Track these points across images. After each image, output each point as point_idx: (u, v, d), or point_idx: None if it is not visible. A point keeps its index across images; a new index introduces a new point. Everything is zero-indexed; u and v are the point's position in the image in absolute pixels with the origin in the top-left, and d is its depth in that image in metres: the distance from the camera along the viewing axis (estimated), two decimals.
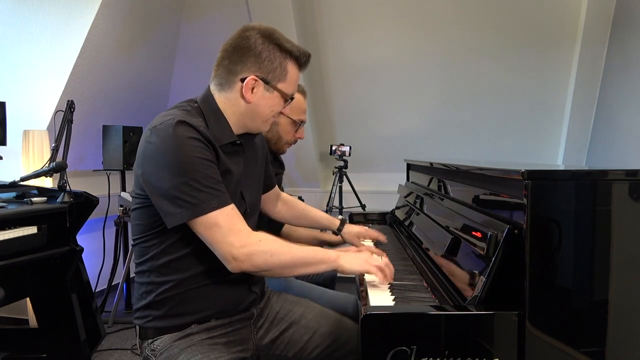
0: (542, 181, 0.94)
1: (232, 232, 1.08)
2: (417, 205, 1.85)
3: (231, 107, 1.19)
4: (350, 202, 3.65)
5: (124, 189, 3.10)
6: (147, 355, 1.17)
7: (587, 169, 1.07)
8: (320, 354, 1.31)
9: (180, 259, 1.15)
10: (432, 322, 0.94)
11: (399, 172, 2.73)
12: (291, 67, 1.19)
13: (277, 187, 1.60)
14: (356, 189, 3.64)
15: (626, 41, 2.98)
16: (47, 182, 2.52)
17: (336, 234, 1.69)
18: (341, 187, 3.62)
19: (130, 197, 2.83)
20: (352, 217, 2.29)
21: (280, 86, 1.19)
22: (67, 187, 2.21)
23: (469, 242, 1.12)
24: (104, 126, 3.02)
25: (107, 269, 3.16)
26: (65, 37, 2.72)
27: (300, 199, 1.84)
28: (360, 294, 1.21)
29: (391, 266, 1.20)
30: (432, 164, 1.81)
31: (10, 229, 1.91)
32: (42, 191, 2.25)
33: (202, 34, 3.62)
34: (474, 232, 1.12)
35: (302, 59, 1.21)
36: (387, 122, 3.79)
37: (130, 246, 3.12)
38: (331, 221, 1.68)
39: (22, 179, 2.19)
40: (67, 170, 2.24)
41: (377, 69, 3.60)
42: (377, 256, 1.24)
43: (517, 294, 0.94)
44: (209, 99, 1.20)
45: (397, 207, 2.25)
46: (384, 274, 1.17)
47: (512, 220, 1.01)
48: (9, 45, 2.71)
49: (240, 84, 1.16)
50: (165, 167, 1.06)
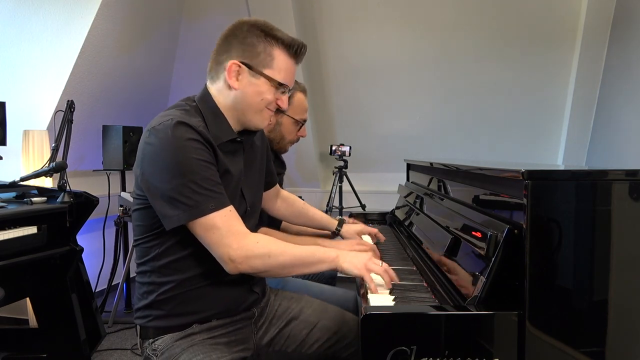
0: (542, 181, 0.94)
1: (229, 234, 1.08)
2: (417, 205, 1.85)
3: (224, 100, 1.18)
4: (350, 202, 3.65)
5: (124, 189, 3.10)
6: (148, 355, 1.17)
7: (587, 169, 1.07)
8: (320, 347, 1.32)
9: (181, 259, 1.15)
10: (432, 322, 0.94)
11: (399, 172, 2.73)
12: (279, 54, 1.16)
13: (278, 185, 1.60)
14: (356, 189, 3.64)
15: (626, 41, 2.98)
16: (47, 182, 2.52)
17: (335, 234, 1.69)
18: (341, 187, 3.62)
19: (130, 197, 2.83)
20: (352, 217, 2.29)
21: (266, 72, 1.16)
22: (67, 187, 2.21)
23: (469, 242, 1.12)
24: (104, 126, 3.02)
25: (107, 269, 3.16)
26: (65, 37, 2.72)
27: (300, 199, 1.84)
28: (360, 293, 1.21)
29: (391, 271, 1.18)
30: (432, 164, 1.81)
31: (10, 229, 1.91)
32: (42, 191, 2.25)
33: (202, 34, 3.61)
34: (474, 232, 1.12)
35: (292, 47, 1.18)
36: (387, 122, 3.79)
37: (130, 246, 3.12)
38: (330, 221, 1.68)
39: (22, 179, 2.19)
40: (67, 170, 2.24)
41: (377, 69, 3.60)
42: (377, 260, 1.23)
43: (517, 294, 0.94)
44: (206, 97, 1.20)
45: (397, 207, 2.25)
46: (384, 279, 1.16)
47: (512, 220, 1.01)
48: (9, 45, 2.71)
49: (225, 72, 1.15)
50: (163, 169, 1.06)
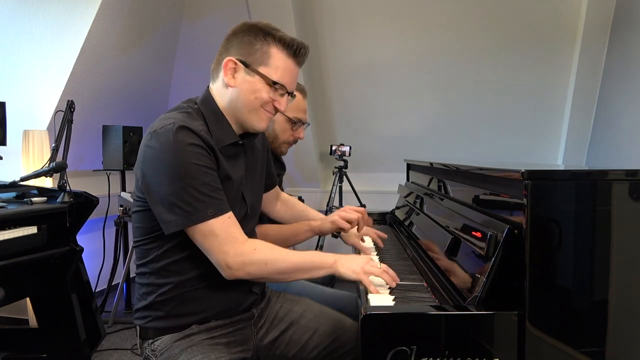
0: (542, 181, 0.94)
1: (227, 241, 1.08)
2: (417, 205, 1.85)
3: (223, 100, 1.18)
4: (350, 202, 3.65)
5: (124, 189, 3.10)
6: (148, 355, 1.17)
7: (587, 169, 1.07)
8: (320, 353, 1.31)
9: (180, 261, 1.15)
10: (432, 322, 0.94)
11: (399, 172, 2.73)
12: (276, 52, 1.16)
13: (277, 187, 1.60)
14: (356, 189, 3.64)
15: (626, 41, 2.98)
16: (47, 182, 2.52)
17: (336, 236, 1.68)
18: (341, 187, 3.62)
19: (130, 197, 2.83)
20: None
21: (262, 70, 1.15)
22: (67, 187, 2.21)
23: (469, 242, 1.12)
24: (104, 126, 3.02)
25: (107, 269, 3.16)
26: (65, 37, 2.72)
27: (300, 199, 1.83)
28: (360, 294, 1.21)
29: (390, 271, 1.18)
30: (432, 164, 1.81)
31: (10, 229, 1.91)
32: (42, 191, 2.25)
33: (202, 34, 3.62)
34: (474, 232, 1.12)
35: (291, 47, 1.17)
36: (387, 122, 3.79)
37: (130, 246, 3.12)
38: None
39: (22, 179, 2.19)
40: (67, 170, 2.24)
41: (377, 68, 3.60)
42: (375, 262, 1.22)
43: (517, 294, 0.94)
44: (208, 99, 1.19)
45: (397, 207, 2.25)
46: (385, 278, 1.15)
47: (512, 220, 1.01)
48: (9, 45, 2.71)
49: (222, 70, 1.16)
50: (164, 173, 1.06)
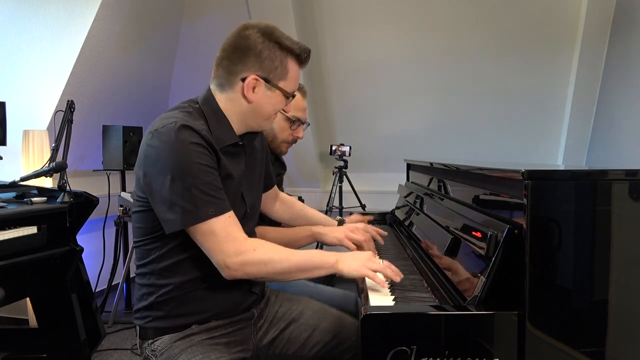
0: (542, 181, 0.94)
1: (227, 241, 1.08)
2: (417, 205, 1.85)
3: (233, 107, 1.18)
4: (350, 202, 3.65)
5: (124, 189, 3.10)
6: (148, 355, 1.17)
7: (587, 169, 1.07)
8: (320, 351, 1.32)
9: (181, 262, 1.15)
10: (432, 322, 0.94)
11: (399, 172, 2.72)
12: (292, 65, 1.19)
13: (276, 187, 1.59)
14: (356, 189, 3.64)
15: (626, 41, 2.98)
16: (47, 182, 2.52)
17: None
18: (341, 187, 3.62)
19: (130, 197, 2.83)
20: (352, 215, 2.29)
21: (281, 84, 1.18)
22: (67, 187, 2.21)
23: (469, 242, 1.12)
24: (104, 126, 3.02)
25: (107, 269, 3.16)
26: (65, 37, 2.72)
27: (300, 199, 1.83)
28: (360, 293, 1.21)
29: (393, 267, 1.19)
30: (432, 164, 1.81)
31: (10, 229, 1.91)
32: (42, 191, 2.25)
33: (202, 34, 3.62)
34: (474, 232, 1.12)
35: (302, 56, 1.20)
36: (387, 122, 3.79)
37: (130, 246, 3.12)
38: (329, 222, 1.68)
39: (22, 179, 2.19)
40: (67, 170, 2.24)
41: (377, 68, 3.60)
42: (377, 258, 1.23)
43: (517, 294, 0.94)
44: (210, 100, 1.19)
45: (397, 207, 2.25)
46: (385, 275, 1.16)
47: (512, 220, 1.01)
48: (9, 45, 2.71)
49: (241, 83, 1.15)
50: (165, 172, 1.06)
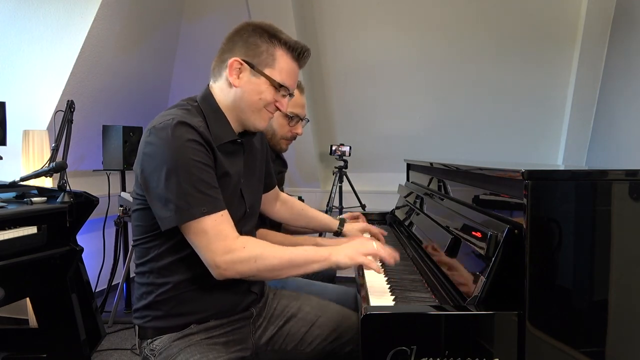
0: (542, 181, 0.94)
1: (216, 239, 1.07)
2: (417, 205, 1.85)
3: (223, 98, 1.19)
4: (350, 202, 3.65)
5: (124, 189, 3.10)
6: (147, 355, 1.17)
7: (587, 169, 1.07)
8: (319, 345, 1.32)
9: (180, 260, 1.15)
10: (432, 322, 0.94)
11: (399, 172, 2.72)
12: (281, 55, 1.17)
13: (277, 187, 1.59)
14: (356, 189, 3.63)
15: (626, 41, 2.98)
16: (47, 182, 2.52)
17: (338, 234, 1.68)
18: (341, 187, 3.62)
19: (130, 197, 2.83)
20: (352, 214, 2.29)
21: (267, 72, 1.16)
22: (67, 187, 2.21)
23: (469, 242, 1.12)
24: (104, 126, 3.02)
25: (107, 269, 3.16)
26: (65, 37, 2.72)
27: (300, 199, 1.83)
28: (360, 291, 1.21)
29: (387, 249, 1.17)
30: (432, 164, 1.81)
31: (10, 229, 1.91)
32: (42, 191, 2.25)
33: (202, 34, 3.61)
34: (474, 232, 1.12)
35: (296, 50, 1.19)
36: (387, 122, 3.79)
37: (130, 246, 3.12)
38: (331, 221, 1.68)
39: (22, 179, 2.19)
40: (67, 170, 2.24)
41: (377, 68, 3.59)
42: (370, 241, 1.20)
43: (517, 294, 0.94)
44: (208, 97, 1.20)
45: (397, 207, 2.25)
46: (379, 257, 1.14)
47: (512, 220, 1.01)
48: (9, 45, 2.71)
49: (227, 69, 1.16)
50: (161, 169, 1.06)
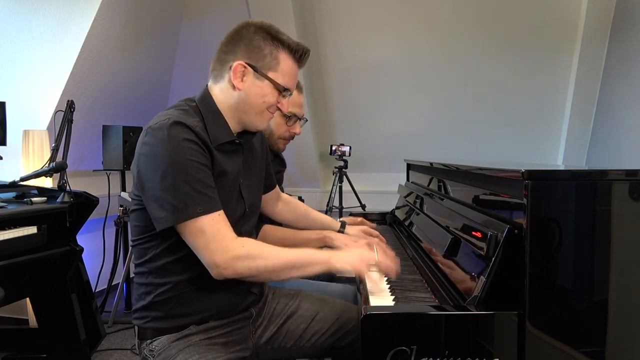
0: (542, 181, 0.94)
1: (215, 239, 1.07)
2: (417, 205, 1.85)
3: (225, 100, 1.18)
4: (350, 202, 3.65)
5: (124, 189, 3.10)
6: (146, 355, 1.17)
7: (587, 169, 1.07)
8: (319, 340, 1.32)
9: (179, 260, 1.15)
10: (432, 322, 0.94)
11: (399, 172, 2.72)
12: (284, 58, 1.17)
13: (278, 187, 1.59)
14: (356, 189, 3.63)
15: (626, 41, 2.98)
16: (47, 182, 2.52)
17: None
18: (341, 187, 3.62)
19: (129, 197, 2.83)
20: (353, 216, 2.29)
21: (271, 75, 1.16)
22: (67, 187, 2.21)
23: (469, 242, 1.12)
24: (104, 126, 3.02)
25: (107, 269, 3.16)
26: (65, 37, 2.72)
27: (300, 199, 1.83)
28: (360, 289, 1.21)
29: (387, 262, 1.19)
30: (432, 164, 1.81)
31: (10, 229, 1.91)
32: (42, 191, 2.25)
33: (202, 34, 3.61)
34: (474, 232, 1.11)
35: (297, 52, 1.19)
36: (387, 122, 3.79)
37: (130, 246, 3.12)
38: (332, 223, 1.68)
39: (22, 179, 2.19)
40: (67, 170, 2.24)
41: (377, 68, 3.60)
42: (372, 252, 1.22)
43: (517, 294, 0.94)
44: (206, 97, 1.19)
45: (397, 207, 2.25)
46: (382, 268, 1.15)
47: (512, 220, 1.01)
48: (9, 45, 2.71)
49: (230, 72, 1.15)
50: (157, 169, 1.06)
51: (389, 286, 1.21)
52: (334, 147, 3.57)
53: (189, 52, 3.71)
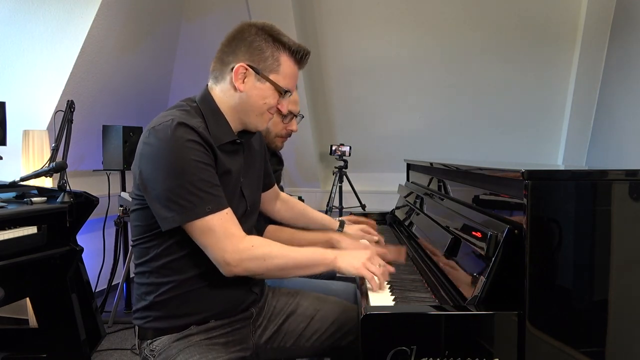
0: (542, 181, 0.94)
1: (225, 237, 1.07)
2: (417, 205, 1.85)
3: (226, 101, 1.18)
4: (350, 202, 3.65)
5: (124, 189, 3.10)
6: (146, 355, 1.17)
7: (587, 169, 1.07)
8: (319, 339, 1.32)
9: (180, 260, 1.15)
10: (432, 322, 0.94)
11: (399, 172, 2.72)
12: (285, 60, 1.17)
13: (276, 186, 1.59)
14: (356, 189, 3.64)
15: (626, 41, 2.98)
16: (47, 182, 2.52)
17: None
18: (341, 187, 3.62)
19: (129, 197, 2.83)
20: (352, 215, 2.29)
21: (272, 77, 1.17)
22: (67, 187, 2.21)
23: (469, 242, 1.12)
24: (104, 126, 3.02)
25: (107, 269, 3.16)
26: (65, 37, 2.72)
27: (300, 199, 1.83)
28: (360, 288, 1.21)
29: (387, 273, 1.20)
30: (432, 164, 1.81)
31: (10, 229, 1.91)
32: (42, 191, 2.25)
33: (202, 34, 3.62)
34: (474, 232, 1.12)
35: (298, 54, 1.19)
36: (387, 122, 3.79)
37: (130, 246, 3.12)
38: (331, 222, 1.68)
39: (22, 179, 2.19)
40: (67, 170, 2.24)
41: (377, 68, 3.60)
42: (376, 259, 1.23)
43: (517, 294, 0.94)
44: (207, 98, 1.20)
45: (397, 207, 2.25)
46: (379, 280, 1.16)
47: (512, 220, 1.01)
48: (9, 45, 2.71)
49: (231, 73, 1.15)
50: (162, 170, 1.06)
51: (389, 286, 1.21)
52: (334, 147, 3.57)
53: (189, 52, 3.71)
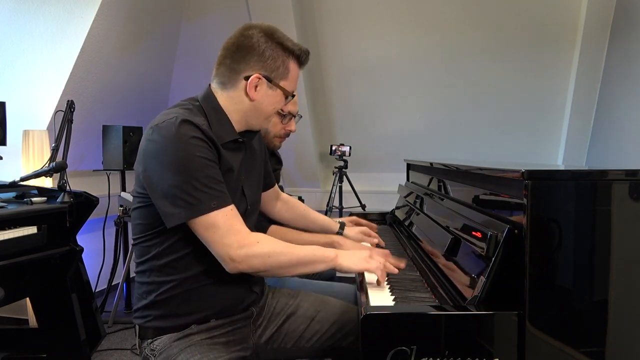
0: (542, 181, 0.94)
1: (230, 233, 1.08)
2: (417, 205, 1.85)
3: (234, 105, 1.19)
4: (350, 202, 3.65)
5: (124, 189, 3.10)
6: (147, 355, 1.17)
7: (587, 169, 1.07)
8: (319, 340, 1.32)
9: (181, 258, 1.15)
10: (432, 322, 0.94)
11: (399, 172, 2.73)
12: (292, 66, 1.21)
13: (277, 186, 1.60)
14: (356, 189, 3.64)
15: (626, 41, 2.98)
16: (47, 182, 2.52)
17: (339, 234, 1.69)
18: (341, 187, 3.62)
19: (130, 197, 2.83)
20: (353, 216, 2.29)
21: (282, 84, 1.20)
22: (67, 187, 2.21)
23: (469, 242, 1.12)
24: (104, 126, 3.02)
25: (107, 269, 3.16)
26: (65, 37, 2.72)
27: (300, 199, 1.83)
28: (360, 288, 1.21)
29: (390, 265, 1.21)
30: (432, 164, 1.81)
31: (10, 229, 1.91)
32: (42, 191, 2.25)
33: (202, 34, 3.62)
34: (474, 232, 1.12)
35: (302, 57, 1.23)
36: (387, 122, 3.79)
37: (130, 246, 3.12)
38: (331, 224, 1.68)
39: (22, 179, 2.19)
40: (67, 170, 2.24)
41: (377, 68, 3.60)
42: (377, 256, 1.24)
43: (517, 294, 0.94)
44: (210, 97, 1.20)
45: (397, 207, 2.25)
46: (382, 273, 1.18)
47: (512, 220, 1.01)
48: (9, 45, 2.71)
49: (244, 82, 1.17)
50: (166, 166, 1.07)
51: (389, 286, 1.21)
52: (334, 147, 3.57)
53: (189, 52, 3.71)
